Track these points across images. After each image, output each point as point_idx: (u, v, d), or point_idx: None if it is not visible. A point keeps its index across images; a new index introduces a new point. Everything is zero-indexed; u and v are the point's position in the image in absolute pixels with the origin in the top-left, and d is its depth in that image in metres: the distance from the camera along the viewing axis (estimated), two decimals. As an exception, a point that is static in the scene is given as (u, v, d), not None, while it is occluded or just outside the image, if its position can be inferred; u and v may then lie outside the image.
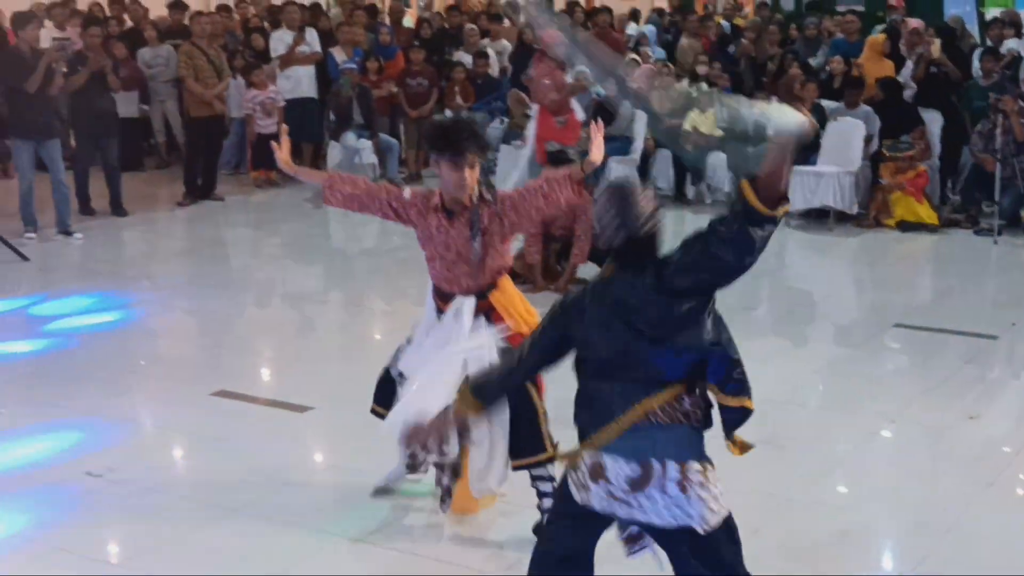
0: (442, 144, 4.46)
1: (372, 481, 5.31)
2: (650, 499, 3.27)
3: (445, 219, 4.59)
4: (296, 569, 4.56)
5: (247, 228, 11.78)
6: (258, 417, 6.26)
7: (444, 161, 4.47)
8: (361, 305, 8.81)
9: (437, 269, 4.67)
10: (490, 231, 4.57)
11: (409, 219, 4.70)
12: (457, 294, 4.63)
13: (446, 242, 4.59)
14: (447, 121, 4.71)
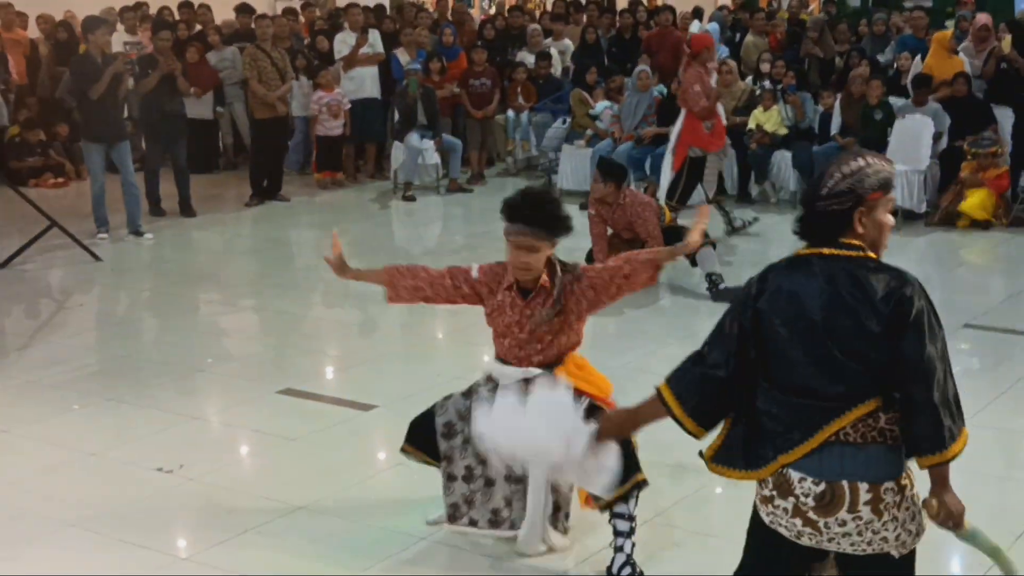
0: (505, 215, 4.31)
1: (436, 479, 5.32)
2: (842, 524, 3.04)
3: (520, 298, 4.42)
4: (361, 566, 4.58)
5: (312, 228, 11.87)
6: (323, 415, 6.31)
7: (512, 236, 4.31)
8: (425, 306, 8.81)
9: (506, 347, 4.51)
10: (567, 309, 4.42)
11: (480, 296, 4.54)
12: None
13: (520, 321, 4.42)
14: (526, 191, 4.44)
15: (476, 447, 4.40)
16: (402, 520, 4.96)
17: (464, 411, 4.55)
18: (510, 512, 4.50)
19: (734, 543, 4.68)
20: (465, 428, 4.52)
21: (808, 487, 3.05)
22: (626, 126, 12.42)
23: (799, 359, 3.05)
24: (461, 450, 4.55)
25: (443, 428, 4.59)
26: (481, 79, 13.80)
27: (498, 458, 3.83)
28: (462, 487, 4.56)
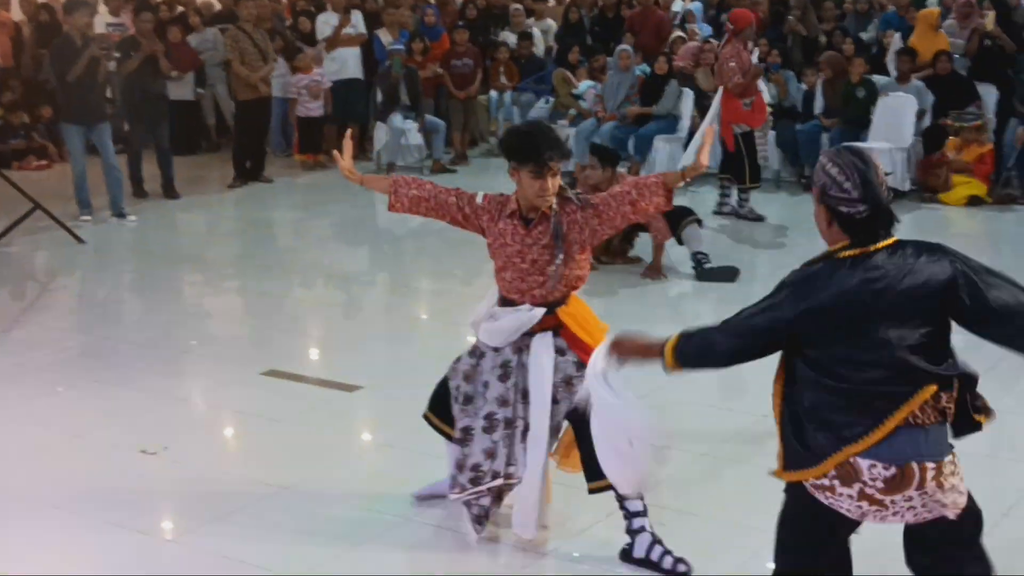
0: (524, 153, 4.22)
1: (420, 459, 5.33)
2: (907, 500, 3.14)
3: (522, 227, 4.34)
4: (346, 545, 4.59)
5: (295, 210, 11.85)
6: (307, 396, 6.30)
7: (525, 170, 4.23)
8: (408, 286, 8.84)
9: (508, 280, 4.41)
10: (570, 240, 4.31)
11: (480, 226, 4.47)
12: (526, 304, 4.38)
13: (521, 251, 4.33)
14: (526, 128, 4.46)
15: (491, 392, 4.40)
16: (386, 500, 4.96)
17: (469, 371, 4.50)
18: (491, 463, 4.35)
19: (717, 522, 4.72)
20: (467, 388, 4.48)
21: (878, 472, 3.11)
22: (609, 106, 12.41)
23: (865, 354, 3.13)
24: (460, 412, 4.48)
25: (455, 391, 4.54)
26: (463, 59, 13.76)
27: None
28: (482, 442, 4.36)
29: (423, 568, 4.50)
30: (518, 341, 4.39)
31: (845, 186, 3.18)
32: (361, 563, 4.48)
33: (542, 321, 4.36)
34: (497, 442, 4.35)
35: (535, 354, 4.36)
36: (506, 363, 4.40)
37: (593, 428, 3.99)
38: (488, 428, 4.37)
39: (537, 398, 4.33)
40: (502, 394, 4.37)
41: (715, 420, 5.81)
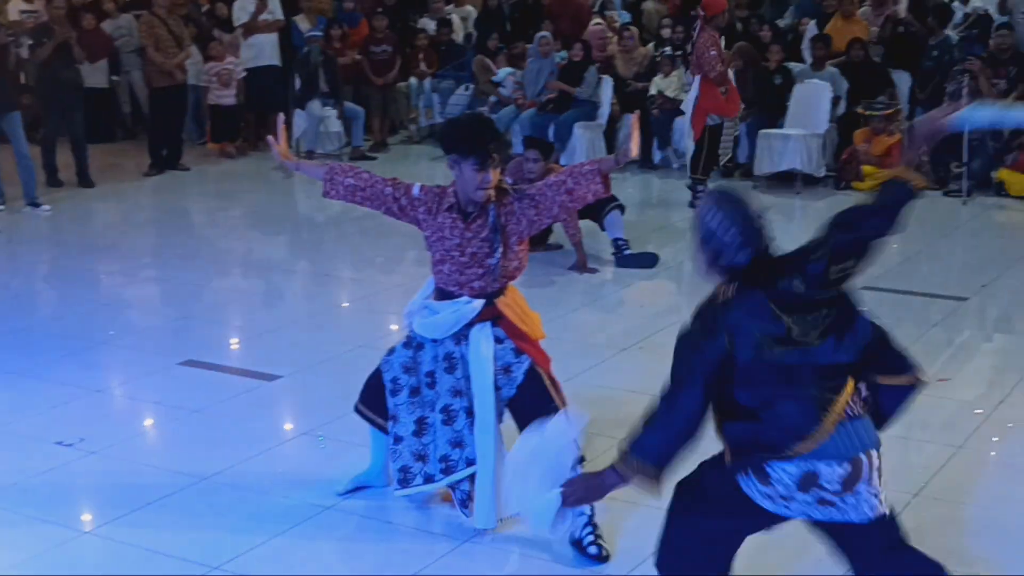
0: (468, 145, 4.22)
1: (341, 447, 5.31)
2: (856, 495, 3.21)
3: (461, 220, 4.32)
4: (269, 535, 4.55)
5: (213, 198, 11.70)
6: (227, 386, 6.23)
7: (467, 163, 4.23)
8: (329, 274, 8.77)
9: (446, 273, 4.38)
10: (507, 231, 4.32)
11: (416, 218, 4.43)
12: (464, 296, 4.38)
13: (460, 245, 4.31)
14: (467, 120, 4.42)
15: (426, 395, 4.41)
16: (308, 490, 4.92)
17: (408, 363, 4.49)
18: (461, 452, 4.38)
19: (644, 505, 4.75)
20: (409, 381, 4.47)
21: (835, 473, 3.19)
22: (529, 93, 12.42)
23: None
24: (408, 405, 4.47)
25: (390, 384, 4.51)
26: (382, 46, 13.67)
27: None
28: (412, 444, 4.43)
29: (348, 557, 4.47)
30: (458, 332, 4.39)
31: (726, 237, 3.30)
32: (283, 553, 4.45)
33: (481, 313, 4.37)
34: (460, 431, 4.38)
35: (475, 345, 4.36)
36: (449, 355, 4.41)
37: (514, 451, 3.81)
38: (447, 420, 4.39)
39: (480, 388, 4.34)
40: (454, 385, 4.39)
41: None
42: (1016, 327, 7.53)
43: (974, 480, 5.04)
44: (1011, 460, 5.29)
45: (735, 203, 3.35)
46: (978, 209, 10.42)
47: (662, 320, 7.18)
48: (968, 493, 4.91)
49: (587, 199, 4.35)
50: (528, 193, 4.35)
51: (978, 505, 4.80)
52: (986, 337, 7.40)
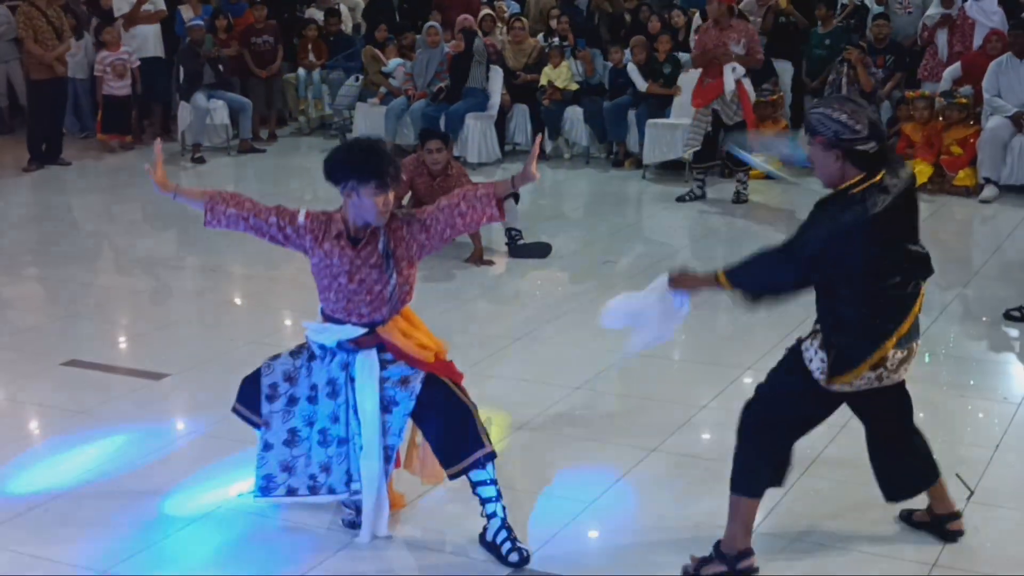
0: (368, 171, 4.13)
1: (231, 446, 5.23)
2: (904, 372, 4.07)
3: (350, 247, 4.24)
4: (159, 536, 4.46)
5: (97, 193, 11.44)
6: (113, 386, 6.11)
7: (366, 187, 4.13)
8: (218, 270, 8.63)
9: (333, 300, 4.29)
10: (397, 256, 4.25)
11: (302, 246, 4.34)
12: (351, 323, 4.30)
13: (349, 271, 4.23)
14: (363, 145, 4.28)
15: (303, 408, 4.37)
16: (198, 488, 4.85)
17: (292, 372, 4.40)
18: (327, 477, 4.37)
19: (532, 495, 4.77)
20: (290, 390, 4.39)
21: (897, 356, 3.97)
22: (419, 83, 12.37)
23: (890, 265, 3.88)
24: (284, 414, 4.39)
25: (268, 389, 4.41)
26: (263, 36, 13.49)
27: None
28: (281, 453, 4.39)
29: (238, 557, 4.40)
30: (344, 358, 4.33)
31: (856, 128, 3.79)
32: (171, 556, 4.38)
33: (364, 340, 4.29)
34: (331, 457, 4.35)
35: (359, 374, 4.30)
36: (333, 380, 4.34)
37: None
38: (322, 442, 4.36)
39: (366, 412, 4.28)
40: (334, 411, 4.33)
41: (531, 396, 5.86)
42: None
43: (857, 459, 5.15)
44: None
45: (855, 102, 3.90)
46: (860, 195, 10.64)
47: (556, 309, 7.22)
48: (852, 471, 5.02)
49: (480, 223, 4.33)
50: (419, 218, 4.29)
51: (861, 483, 4.91)
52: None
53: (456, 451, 4.24)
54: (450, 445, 4.25)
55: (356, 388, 4.30)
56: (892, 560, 4.28)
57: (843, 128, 3.78)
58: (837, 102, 3.88)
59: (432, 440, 4.32)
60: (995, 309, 7.13)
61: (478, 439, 4.24)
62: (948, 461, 5.05)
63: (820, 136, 3.83)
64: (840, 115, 3.79)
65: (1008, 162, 10.41)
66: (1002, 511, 4.69)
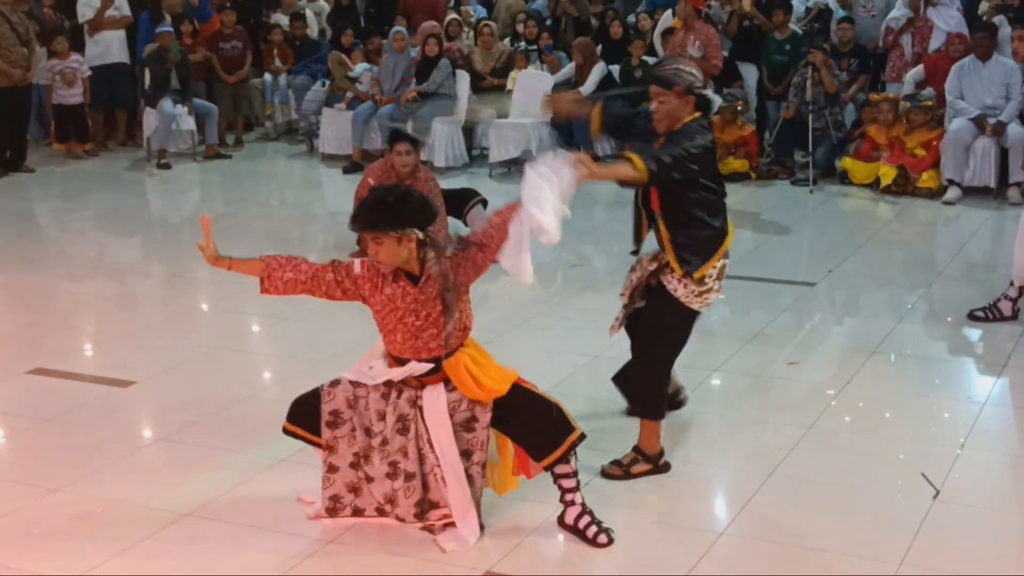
0: (426, 218, 4.25)
1: (198, 454, 5.22)
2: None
3: (410, 286, 4.31)
4: (119, 546, 4.43)
5: (61, 200, 11.34)
6: (78, 394, 6.05)
7: (366, 237, 4.26)
8: (184, 276, 8.58)
9: (399, 341, 4.35)
10: (461, 281, 4.36)
11: (361, 295, 4.39)
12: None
13: (415, 309, 4.30)
14: (399, 191, 4.34)
15: (365, 437, 4.41)
16: (165, 496, 4.82)
17: (352, 400, 4.43)
18: (396, 509, 4.46)
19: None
20: (353, 416, 4.42)
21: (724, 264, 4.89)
22: (386, 88, 12.35)
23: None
24: (348, 439, 4.44)
25: (329, 416, 4.44)
26: (231, 42, 13.44)
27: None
28: (347, 475, 4.48)
29: (208, 563, 4.37)
30: (411, 394, 4.39)
31: (700, 76, 4.81)
32: (139, 564, 4.34)
33: (430, 377, 4.37)
34: (397, 491, 4.43)
35: (427, 407, 4.36)
36: (403, 416, 4.39)
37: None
38: (391, 475, 4.43)
39: (440, 446, 4.35)
40: (403, 445, 4.39)
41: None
42: (862, 310, 7.77)
43: (825, 459, 5.18)
44: (860, 438, 5.45)
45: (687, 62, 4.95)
46: (824, 197, 10.73)
47: (524, 312, 7.22)
48: (819, 471, 5.05)
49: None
50: (472, 241, 4.40)
51: (829, 482, 4.94)
52: (835, 320, 7.62)
53: (549, 442, 4.34)
54: (540, 438, 4.35)
55: (428, 422, 4.36)
56: (859, 559, 4.31)
57: (695, 78, 4.76)
58: (680, 61, 4.93)
59: (520, 439, 4.43)
60: (959, 310, 7.19)
61: (567, 425, 4.36)
62: (914, 460, 5.11)
63: (678, 86, 4.72)
64: (688, 68, 4.80)
65: (971, 164, 10.50)
66: (967, 509, 4.73)
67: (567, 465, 4.41)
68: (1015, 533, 4.63)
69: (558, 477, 4.44)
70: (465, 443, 4.37)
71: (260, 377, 6.47)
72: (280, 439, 5.38)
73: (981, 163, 10.48)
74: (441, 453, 4.36)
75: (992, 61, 10.50)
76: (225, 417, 5.69)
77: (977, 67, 10.56)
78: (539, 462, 4.40)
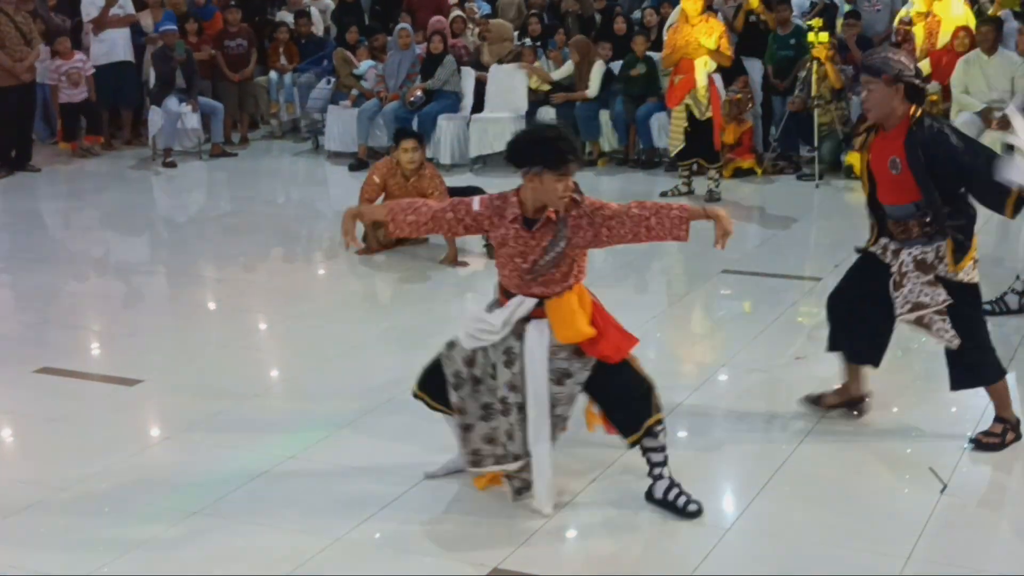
0: (555, 157, 4.35)
1: (206, 453, 5.22)
2: None
3: (524, 230, 4.46)
4: (129, 545, 4.43)
5: (67, 199, 11.37)
6: (86, 393, 6.06)
7: (549, 173, 4.35)
8: (190, 274, 8.59)
9: (507, 276, 4.57)
10: (573, 242, 4.45)
11: (483, 228, 4.61)
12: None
13: (523, 252, 4.47)
14: (552, 132, 4.52)
15: (489, 384, 4.58)
16: (173, 495, 4.83)
17: (470, 355, 4.61)
18: (512, 445, 4.59)
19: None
20: (471, 371, 4.61)
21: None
22: (391, 85, 12.35)
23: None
24: (473, 395, 4.63)
25: (453, 379, 4.65)
26: (236, 40, 13.43)
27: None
28: (482, 428, 4.64)
29: (220, 561, 4.38)
30: (516, 327, 4.53)
31: (912, 67, 4.83)
32: (147, 563, 4.35)
33: (536, 312, 4.51)
34: (512, 424, 4.56)
35: (529, 341, 4.50)
36: (509, 349, 4.54)
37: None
38: (504, 411, 4.56)
39: (532, 383, 4.49)
40: (511, 380, 4.53)
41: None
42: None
43: (831, 455, 5.18)
44: (866, 433, 5.44)
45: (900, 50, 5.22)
46: (830, 192, 10.71)
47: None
48: (825, 467, 5.04)
49: (661, 239, 4.51)
50: (604, 213, 4.47)
51: (835, 478, 4.94)
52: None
53: (633, 420, 4.51)
54: (627, 416, 4.52)
55: (526, 358, 4.50)
56: (866, 555, 4.30)
57: (904, 67, 4.82)
58: (889, 50, 4.99)
59: (608, 411, 4.59)
60: (966, 304, 7.17)
61: (648, 409, 4.50)
62: (922, 454, 5.11)
63: (887, 74, 4.80)
64: (900, 56, 4.88)
65: (977, 158, 10.46)
66: (974, 504, 4.72)
67: (654, 439, 4.55)
68: (1022, 528, 4.62)
69: (646, 451, 4.60)
70: (553, 394, 4.51)
71: (267, 376, 6.47)
72: (288, 437, 5.40)
73: (987, 157, 10.44)
74: (531, 388, 4.50)
75: (997, 55, 10.47)
76: (232, 416, 5.69)
77: (983, 60, 10.53)
78: (626, 438, 4.56)
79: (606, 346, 4.53)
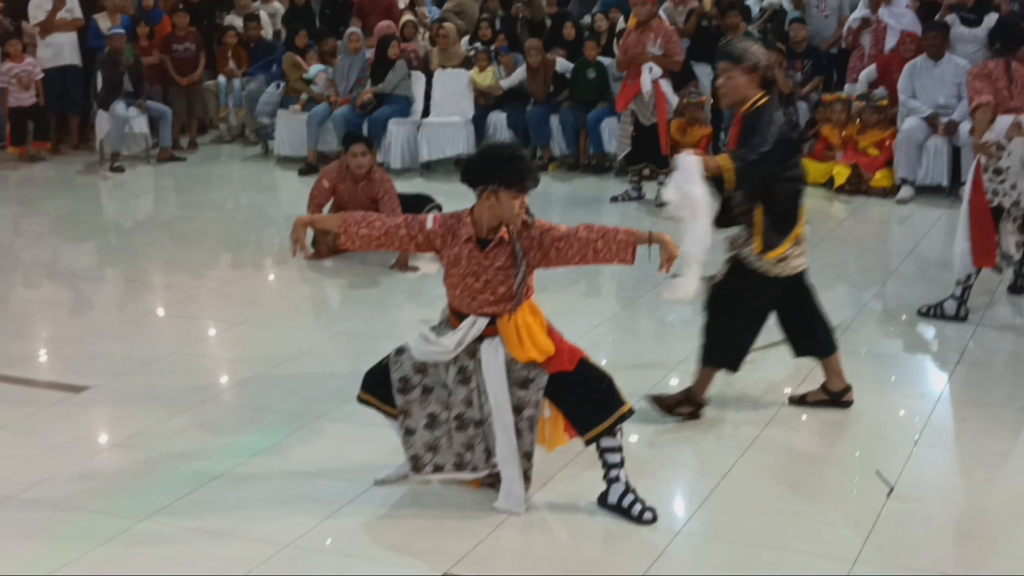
0: (511, 175, 4.41)
1: (153, 460, 5.18)
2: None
3: (477, 250, 4.52)
4: (81, 552, 4.39)
5: (14, 205, 11.21)
6: (32, 400, 5.98)
7: (506, 191, 4.42)
8: (138, 280, 8.51)
9: (459, 297, 4.59)
10: (528, 261, 4.54)
11: (434, 247, 4.64)
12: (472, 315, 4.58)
13: (476, 272, 4.52)
14: (507, 151, 4.54)
15: (439, 394, 4.65)
16: (120, 503, 4.78)
17: (420, 364, 4.65)
18: (472, 456, 4.67)
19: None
20: (423, 380, 4.66)
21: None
22: (341, 89, 12.31)
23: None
24: (420, 401, 4.67)
25: (399, 383, 4.68)
26: (184, 44, 13.32)
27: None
28: (424, 436, 4.68)
29: (167, 567, 4.34)
30: (471, 346, 4.58)
31: (765, 59, 5.13)
32: (93, 571, 4.30)
33: (488, 331, 4.57)
34: (471, 438, 4.66)
35: (485, 359, 4.57)
36: (463, 368, 4.61)
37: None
38: (460, 427, 4.65)
39: (494, 397, 4.56)
40: (467, 396, 4.63)
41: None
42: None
43: (780, 457, 5.22)
44: (815, 436, 5.49)
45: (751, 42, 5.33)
46: (781, 196, 10.77)
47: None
48: (774, 470, 5.08)
49: (607, 263, 4.57)
50: (553, 235, 4.54)
51: (784, 481, 4.98)
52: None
53: (595, 415, 4.53)
54: (594, 408, 4.54)
55: (484, 374, 4.55)
56: (814, 558, 4.34)
57: (761, 59, 5.11)
58: (747, 42, 5.26)
59: (568, 410, 4.60)
60: (912, 307, 7.26)
61: (616, 399, 4.55)
62: (869, 458, 5.17)
63: (747, 62, 5.10)
64: (756, 48, 5.16)
65: (924, 163, 10.61)
66: (921, 506, 4.78)
67: (613, 439, 4.57)
68: (968, 529, 4.68)
69: (603, 451, 4.61)
70: (517, 399, 4.56)
71: (216, 382, 6.43)
72: (235, 444, 5.37)
73: (934, 162, 10.59)
74: (494, 403, 4.55)
75: (944, 60, 10.60)
76: (181, 422, 5.65)
77: (929, 66, 10.65)
78: (583, 435, 4.58)
79: (559, 361, 4.58)
